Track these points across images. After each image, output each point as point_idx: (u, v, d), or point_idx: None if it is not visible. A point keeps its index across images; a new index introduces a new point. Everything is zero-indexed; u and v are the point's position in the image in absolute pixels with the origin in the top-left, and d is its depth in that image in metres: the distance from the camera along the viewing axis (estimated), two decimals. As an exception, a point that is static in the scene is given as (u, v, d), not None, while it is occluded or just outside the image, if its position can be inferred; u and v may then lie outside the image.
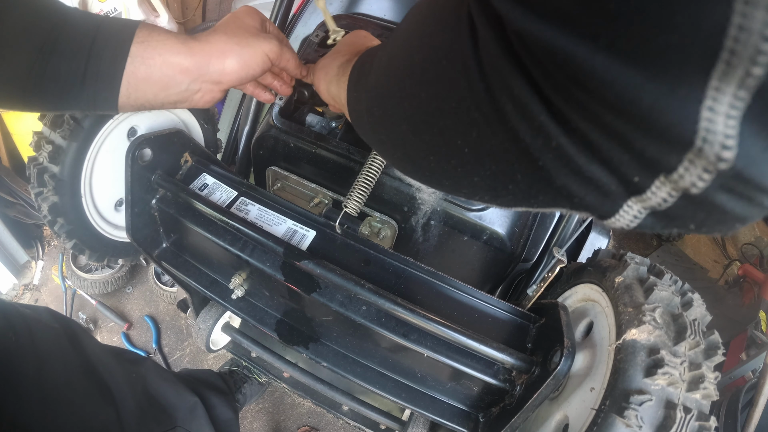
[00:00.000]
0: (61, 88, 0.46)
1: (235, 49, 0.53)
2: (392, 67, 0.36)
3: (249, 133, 0.99)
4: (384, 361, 0.68)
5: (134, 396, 0.81)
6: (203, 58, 0.51)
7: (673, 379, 0.46)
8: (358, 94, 0.44)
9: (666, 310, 0.52)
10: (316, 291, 0.64)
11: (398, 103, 0.35)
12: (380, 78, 0.39)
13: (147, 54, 0.48)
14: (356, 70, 0.48)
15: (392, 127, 0.37)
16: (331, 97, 0.58)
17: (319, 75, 0.59)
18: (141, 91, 0.49)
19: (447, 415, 0.64)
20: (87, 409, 0.70)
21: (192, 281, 0.76)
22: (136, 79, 0.48)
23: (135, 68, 0.48)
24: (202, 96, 0.55)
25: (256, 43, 0.55)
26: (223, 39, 0.53)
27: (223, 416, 1.06)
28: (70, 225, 0.70)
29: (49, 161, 0.65)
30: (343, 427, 1.56)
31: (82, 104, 0.48)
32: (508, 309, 0.64)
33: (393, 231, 0.84)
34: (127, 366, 0.87)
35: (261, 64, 0.56)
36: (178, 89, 0.52)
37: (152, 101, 0.51)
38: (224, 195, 0.75)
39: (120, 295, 1.81)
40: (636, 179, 0.20)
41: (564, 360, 0.49)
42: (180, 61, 0.50)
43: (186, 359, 1.69)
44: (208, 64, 0.52)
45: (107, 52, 0.46)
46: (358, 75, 0.46)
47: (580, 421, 0.51)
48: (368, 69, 0.42)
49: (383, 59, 0.39)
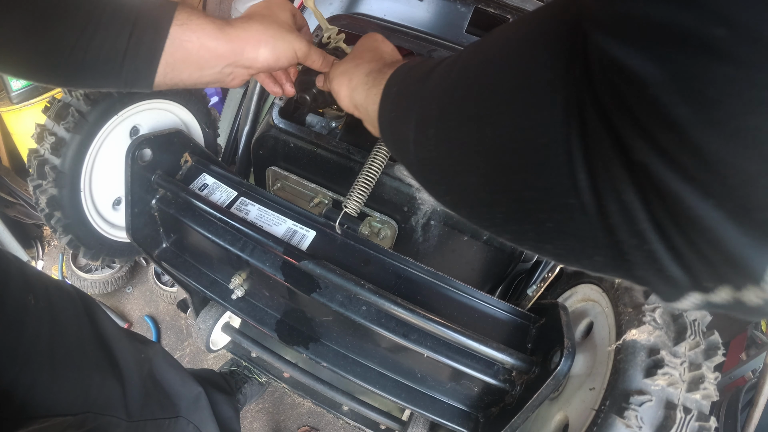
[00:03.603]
0: (103, 65, 0.48)
1: (270, 41, 0.56)
2: (465, 112, 0.33)
3: (249, 133, 0.99)
4: (384, 362, 0.68)
5: (140, 376, 0.82)
6: (239, 44, 0.54)
7: (673, 379, 0.46)
8: (403, 115, 0.42)
9: (666, 311, 0.52)
10: (316, 291, 0.63)
11: (471, 153, 0.33)
12: (448, 117, 0.35)
13: (185, 36, 0.50)
14: (397, 85, 0.45)
15: (455, 176, 0.35)
16: (354, 105, 0.57)
17: (341, 81, 0.58)
18: (177, 71, 0.52)
19: (447, 415, 0.64)
20: (95, 379, 0.71)
21: (192, 281, 0.76)
22: (174, 59, 0.51)
23: (174, 49, 0.50)
24: (233, 79, 0.57)
25: (290, 38, 0.58)
26: (259, 29, 0.56)
27: (225, 413, 1.06)
28: (67, 219, 0.70)
29: (51, 153, 0.65)
30: (343, 427, 1.56)
31: (120, 82, 0.50)
32: (508, 309, 0.64)
33: (393, 231, 0.84)
34: (137, 346, 0.88)
35: (290, 59, 0.59)
36: (212, 71, 0.54)
37: (186, 81, 0.54)
38: (224, 195, 0.75)
39: (120, 295, 1.81)
40: (707, 284, 0.24)
41: (564, 360, 0.49)
42: (216, 45, 0.52)
43: (186, 359, 1.69)
44: (243, 51, 0.54)
45: (148, 32, 0.48)
46: (401, 95, 0.44)
47: (580, 422, 0.51)
48: (423, 95, 0.39)
49: (453, 96, 0.35)
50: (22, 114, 1.70)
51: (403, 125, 0.41)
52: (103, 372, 0.73)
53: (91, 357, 0.72)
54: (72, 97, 0.65)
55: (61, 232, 0.71)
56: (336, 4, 1.10)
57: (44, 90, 1.72)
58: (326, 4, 1.10)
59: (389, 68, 0.50)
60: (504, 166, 0.30)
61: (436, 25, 0.99)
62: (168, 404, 0.89)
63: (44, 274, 0.72)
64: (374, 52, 0.59)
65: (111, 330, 0.79)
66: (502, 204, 0.32)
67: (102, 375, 0.73)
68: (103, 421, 0.70)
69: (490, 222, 0.34)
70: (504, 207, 0.32)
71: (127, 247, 0.83)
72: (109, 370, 0.75)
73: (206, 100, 0.86)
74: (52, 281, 0.72)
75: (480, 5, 0.95)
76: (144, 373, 0.84)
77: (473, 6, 0.96)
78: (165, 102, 0.77)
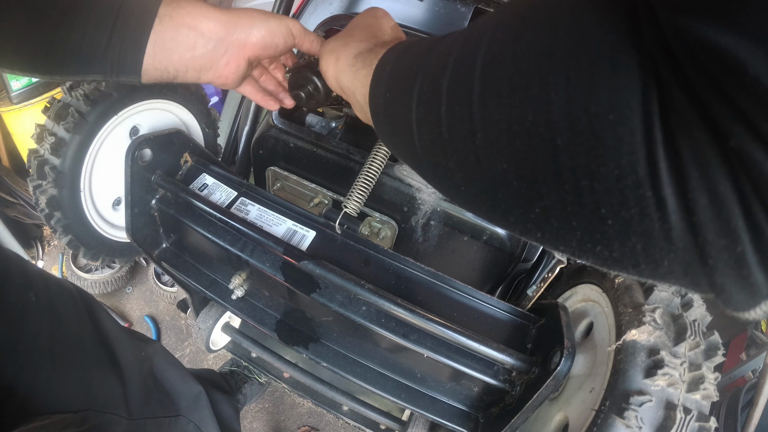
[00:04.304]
0: (87, 51, 0.46)
1: (263, 18, 0.54)
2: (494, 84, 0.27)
3: (249, 133, 0.99)
4: (384, 362, 0.68)
5: (141, 374, 0.82)
6: (231, 20, 0.52)
7: (673, 379, 0.46)
8: (402, 94, 0.36)
9: (666, 311, 0.52)
10: (316, 291, 0.63)
11: (502, 133, 0.27)
12: (466, 90, 0.29)
13: (175, 14, 0.49)
14: (391, 64, 0.40)
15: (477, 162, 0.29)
16: (340, 87, 0.52)
17: (328, 60, 0.53)
18: (167, 52, 0.49)
19: (447, 416, 0.64)
20: (96, 376, 0.71)
21: (192, 281, 0.76)
22: (163, 39, 0.48)
23: (163, 28, 0.48)
24: (228, 62, 0.54)
25: (283, 18, 0.56)
26: (252, 12, 0.54)
27: (225, 413, 1.06)
28: (67, 219, 0.70)
29: (51, 153, 0.65)
30: (343, 427, 1.56)
31: (106, 68, 0.48)
32: (508, 309, 0.64)
33: (393, 231, 0.84)
34: (138, 344, 0.88)
35: (285, 37, 0.57)
36: (203, 50, 0.51)
37: (177, 65, 0.51)
38: (224, 195, 0.75)
39: (120, 295, 1.81)
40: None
41: (564, 360, 0.49)
42: (207, 23, 0.50)
43: (186, 359, 1.69)
44: (235, 27, 0.52)
45: (135, 13, 0.47)
46: (398, 73, 0.38)
47: (580, 422, 0.51)
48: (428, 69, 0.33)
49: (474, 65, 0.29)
50: (22, 114, 1.70)
51: (402, 105, 0.35)
52: (104, 370, 0.73)
53: (92, 355, 0.72)
54: (72, 98, 0.65)
55: (61, 232, 0.71)
56: (336, 4, 1.10)
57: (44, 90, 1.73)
58: (326, 4, 1.10)
59: (382, 47, 0.44)
60: (552, 149, 0.25)
61: (435, 25, 0.99)
62: (168, 403, 0.89)
63: (45, 271, 0.73)
64: (369, 29, 0.53)
65: (111, 328, 0.79)
66: (544, 197, 0.26)
67: (102, 373, 0.73)
68: (104, 419, 0.70)
69: (521, 220, 0.29)
70: (546, 201, 0.26)
71: (127, 247, 0.83)
72: (110, 368, 0.74)
73: (206, 100, 0.86)
74: (53, 279, 0.72)
75: (480, 5, 0.95)
76: (144, 372, 0.84)
77: (473, 6, 0.96)
78: (165, 102, 0.77)
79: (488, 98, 0.27)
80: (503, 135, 0.27)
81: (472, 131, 0.29)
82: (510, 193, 0.28)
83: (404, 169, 0.78)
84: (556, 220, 0.27)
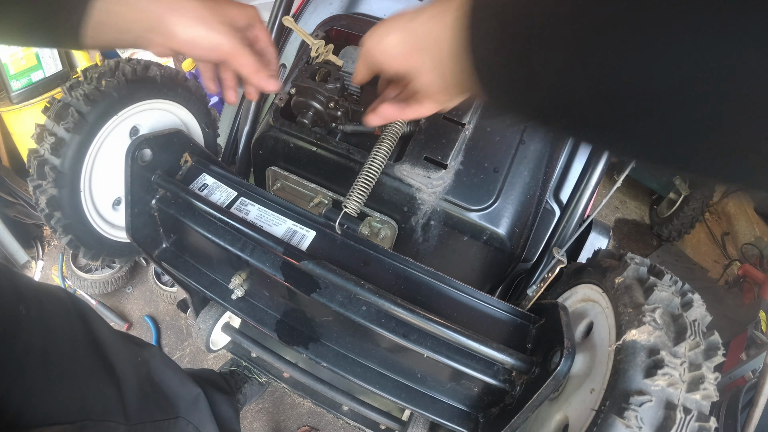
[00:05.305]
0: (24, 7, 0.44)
1: (193, 21, 0.50)
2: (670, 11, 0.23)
3: (249, 133, 0.99)
4: (384, 362, 0.68)
5: (138, 379, 0.81)
6: (162, 9, 0.49)
7: (673, 379, 0.46)
8: (521, 39, 0.31)
9: (666, 311, 0.52)
10: (316, 291, 0.63)
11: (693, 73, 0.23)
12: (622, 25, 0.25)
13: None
14: (491, 7, 0.34)
15: (643, 104, 0.26)
16: (414, 49, 0.44)
17: (384, 28, 0.46)
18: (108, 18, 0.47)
19: (447, 416, 0.64)
20: (91, 385, 0.71)
21: (192, 281, 0.76)
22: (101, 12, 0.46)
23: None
24: (153, 47, 0.52)
25: (218, 28, 0.51)
26: (192, 6, 0.50)
27: (225, 413, 1.06)
28: (67, 219, 0.70)
29: (51, 153, 0.65)
30: (343, 427, 1.56)
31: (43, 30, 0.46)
32: (507, 309, 0.64)
33: (393, 231, 0.84)
34: (134, 348, 0.87)
35: (209, 50, 0.53)
36: (130, 36, 0.49)
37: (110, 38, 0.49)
38: (224, 195, 0.75)
39: (120, 295, 1.81)
40: None
41: (564, 360, 0.49)
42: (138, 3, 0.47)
43: (186, 359, 1.69)
44: (163, 19, 0.49)
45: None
46: (503, 16, 0.33)
47: (580, 422, 0.51)
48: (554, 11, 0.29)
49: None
50: (22, 114, 1.70)
51: (522, 52, 0.31)
52: (100, 378, 0.73)
53: (86, 363, 0.72)
54: (72, 97, 0.65)
55: (61, 232, 0.71)
56: (336, 4, 1.10)
57: (44, 90, 1.73)
58: (326, 4, 1.10)
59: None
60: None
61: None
62: (167, 405, 0.89)
63: (35, 281, 0.72)
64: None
65: (106, 334, 0.78)
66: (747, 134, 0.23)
67: (98, 381, 0.72)
68: (102, 427, 0.69)
69: (705, 163, 0.25)
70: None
71: (127, 247, 0.83)
72: (106, 376, 0.74)
73: (206, 100, 0.86)
74: (44, 289, 0.72)
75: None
76: (142, 376, 0.84)
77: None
78: (165, 102, 0.77)
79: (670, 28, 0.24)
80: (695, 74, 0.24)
81: (640, 66, 0.25)
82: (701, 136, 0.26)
83: (404, 169, 0.78)
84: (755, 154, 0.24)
